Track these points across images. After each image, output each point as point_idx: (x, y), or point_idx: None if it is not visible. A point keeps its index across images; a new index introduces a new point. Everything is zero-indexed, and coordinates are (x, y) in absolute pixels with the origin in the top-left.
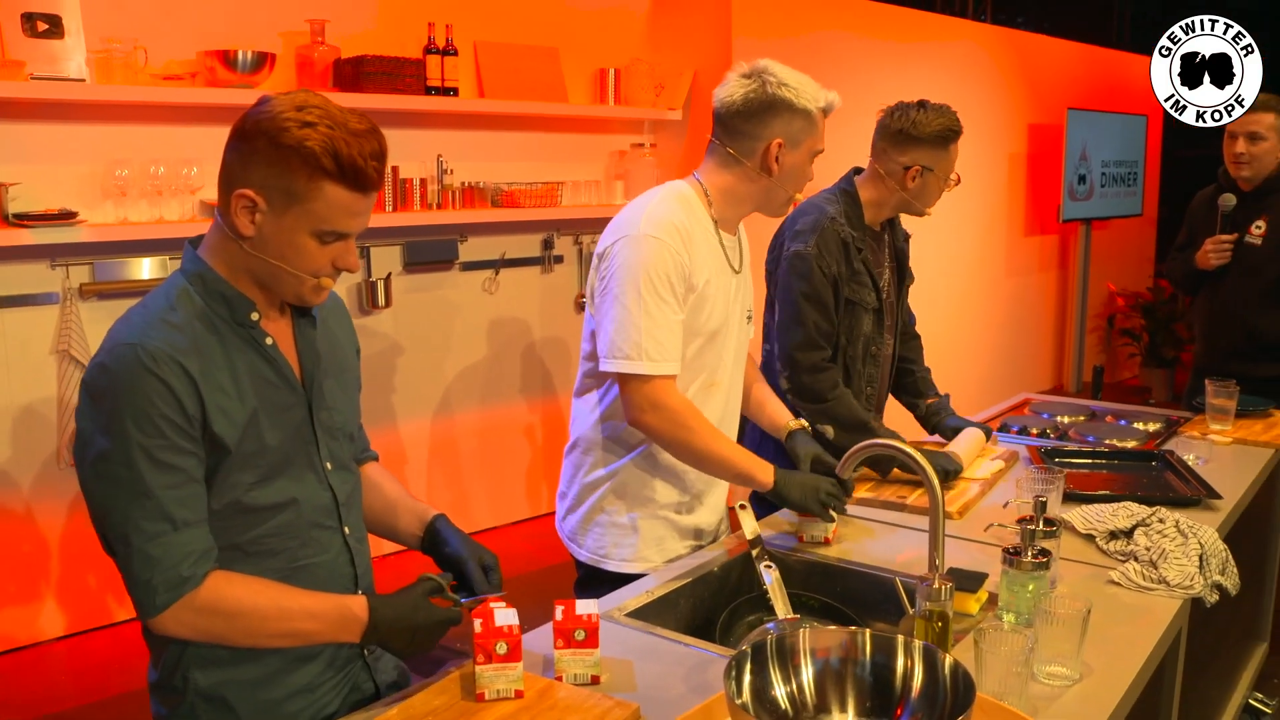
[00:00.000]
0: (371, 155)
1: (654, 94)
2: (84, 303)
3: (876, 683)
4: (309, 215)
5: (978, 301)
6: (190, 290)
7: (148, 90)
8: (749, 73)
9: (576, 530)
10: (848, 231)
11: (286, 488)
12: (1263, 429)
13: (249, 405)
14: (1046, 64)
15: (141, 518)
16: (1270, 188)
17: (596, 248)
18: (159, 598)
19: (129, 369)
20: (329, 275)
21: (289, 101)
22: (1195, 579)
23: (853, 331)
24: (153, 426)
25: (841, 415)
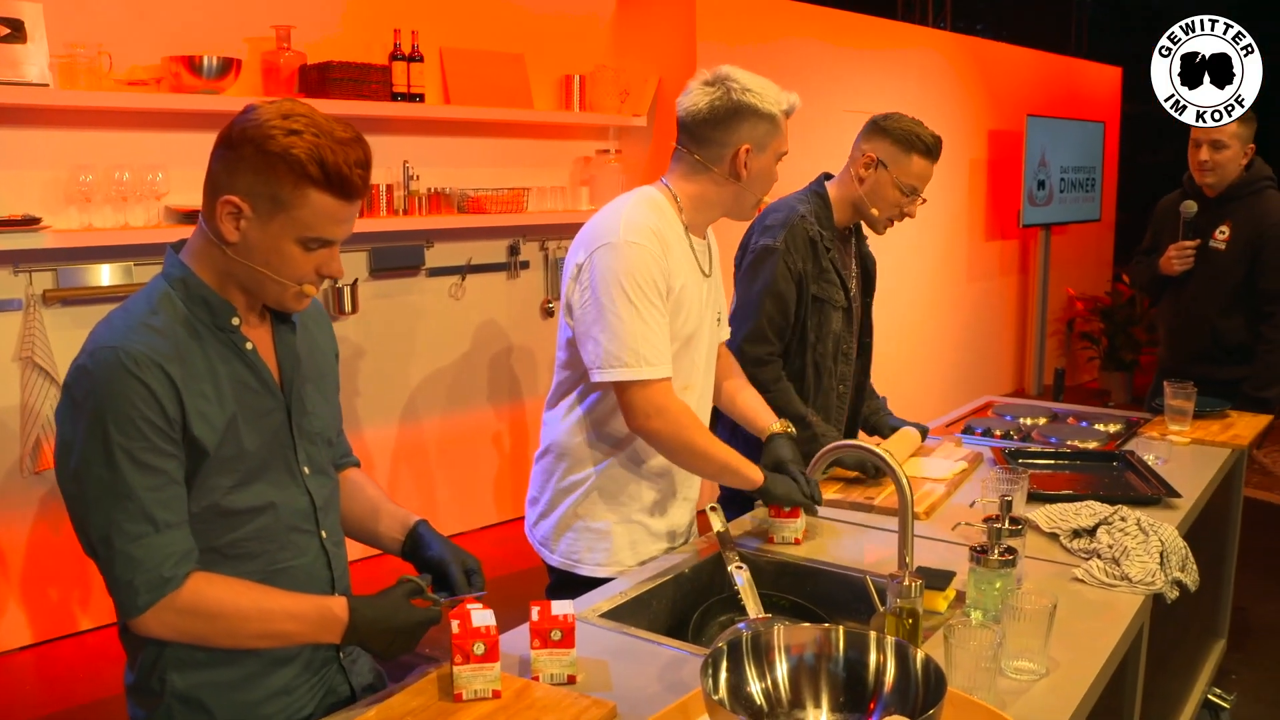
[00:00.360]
0: (357, 163)
1: (619, 100)
2: (47, 309)
3: (850, 678)
4: (294, 222)
5: (940, 306)
6: (172, 294)
7: (112, 96)
8: (712, 80)
9: (549, 536)
10: (816, 230)
11: (264, 492)
12: (1220, 429)
13: (228, 409)
14: (1006, 71)
15: (123, 519)
16: (1233, 194)
17: (571, 258)
18: (140, 598)
19: (110, 371)
20: (313, 282)
21: (275, 110)
22: (1156, 575)
23: (822, 329)
24: (134, 428)
25: (780, 407)
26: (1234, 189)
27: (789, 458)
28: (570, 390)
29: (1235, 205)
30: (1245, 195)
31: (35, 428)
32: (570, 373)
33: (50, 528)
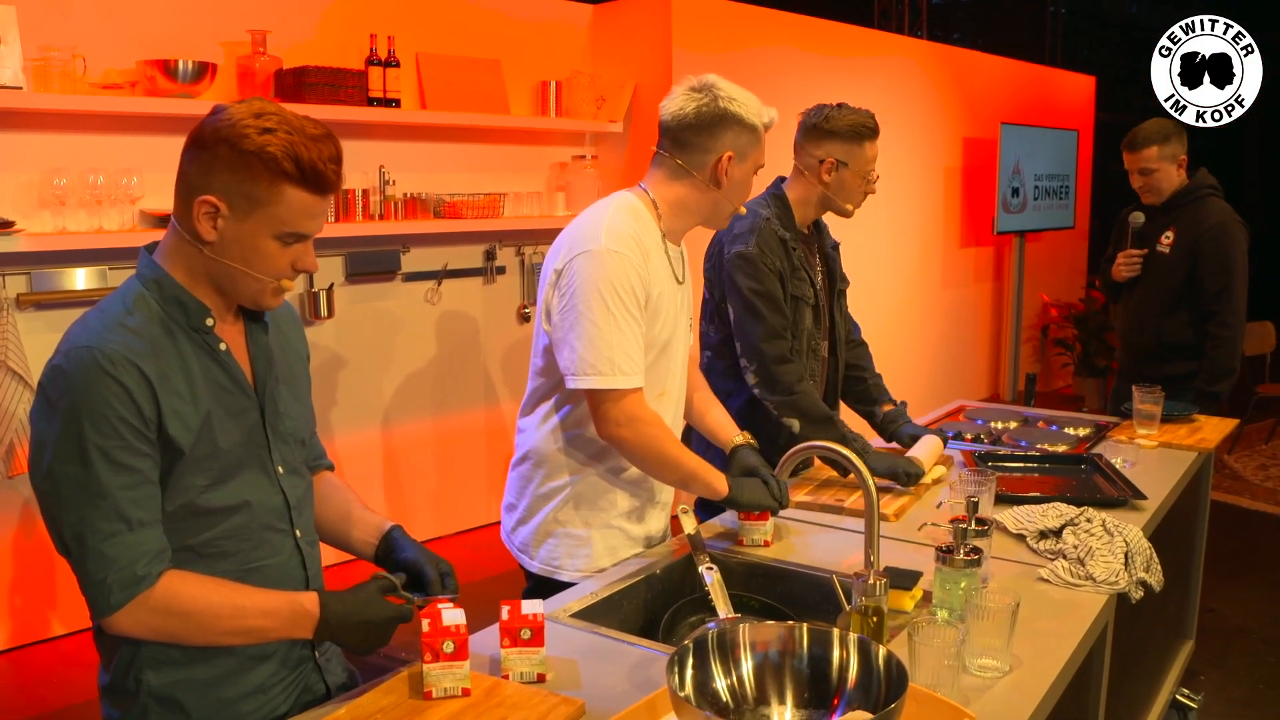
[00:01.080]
0: (330, 159)
1: (595, 106)
2: (21, 313)
3: (814, 674)
4: (271, 219)
5: (915, 312)
6: (146, 295)
7: (86, 99)
8: (698, 87)
9: (529, 542)
10: (782, 231)
11: (239, 490)
12: (1187, 433)
13: (203, 409)
14: (981, 79)
15: (97, 517)
16: (1177, 202)
17: (549, 262)
18: (114, 596)
19: (86, 371)
20: (289, 277)
21: (246, 109)
22: (1120, 575)
23: (797, 327)
24: (109, 427)
25: (807, 408)
26: (1177, 197)
27: (757, 463)
28: (547, 397)
29: (1179, 212)
30: (1188, 203)
31: (9, 432)
32: (546, 380)
33: (24, 532)
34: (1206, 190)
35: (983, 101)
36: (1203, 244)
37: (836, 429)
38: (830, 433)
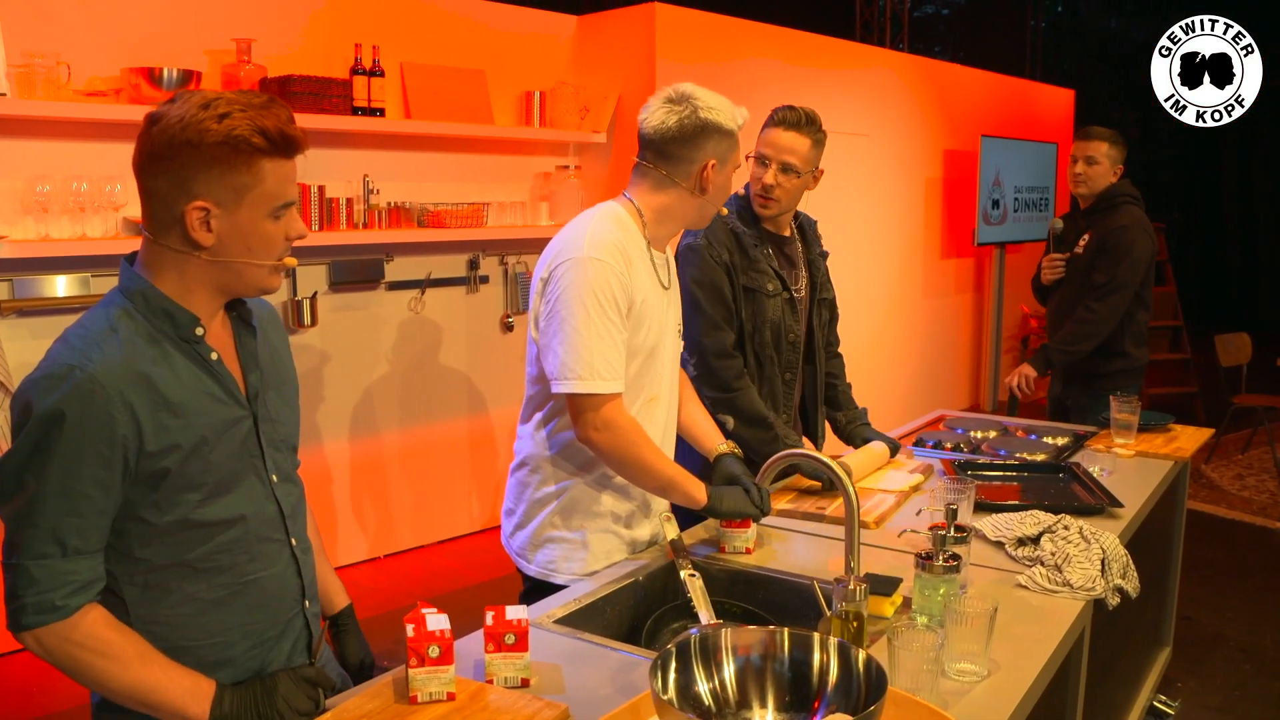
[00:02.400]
0: (288, 120)
1: (579, 117)
2: (3, 320)
3: (795, 678)
4: (262, 198)
5: (897, 322)
6: (131, 309)
7: (70, 106)
8: (676, 99)
9: (526, 546)
10: (739, 225)
11: (235, 503)
12: (1163, 442)
13: (195, 422)
14: (962, 92)
15: (34, 535)
16: (1097, 207)
17: (537, 271)
18: (26, 618)
19: (64, 391)
20: (287, 253)
21: (190, 105)
22: (1097, 582)
23: (758, 319)
24: (75, 452)
25: (743, 407)
26: (1098, 202)
27: (740, 471)
28: (541, 404)
29: (1097, 217)
30: (1106, 208)
31: None
32: (540, 387)
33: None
34: (1124, 198)
35: (963, 114)
36: (1106, 243)
37: (771, 430)
38: (764, 434)
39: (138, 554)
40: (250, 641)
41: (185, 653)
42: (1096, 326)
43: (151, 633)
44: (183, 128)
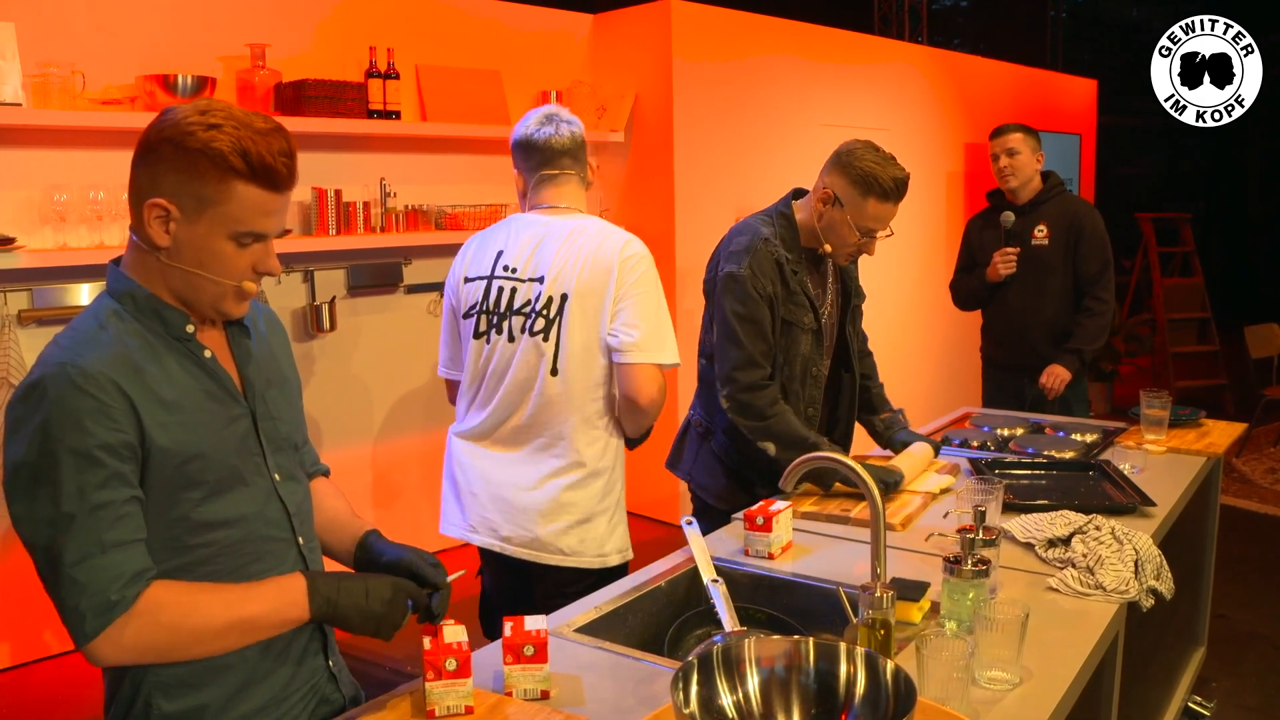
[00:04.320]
0: (280, 152)
1: (596, 116)
2: (23, 329)
3: (821, 689)
4: (224, 218)
5: (921, 318)
6: (119, 310)
7: (86, 115)
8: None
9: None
10: (781, 253)
11: (236, 502)
12: (1195, 438)
13: (191, 421)
14: (982, 84)
15: (68, 541)
16: (1040, 199)
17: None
18: (88, 624)
19: (59, 388)
20: (250, 279)
21: (192, 108)
22: (1131, 584)
23: (790, 352)
24: (82, 447)
25: (781, 432)
26: (1041, 195)
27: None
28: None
29: (1045, 207)
30: (1051, 198)
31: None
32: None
33: (22, 549)
34: (1060, 188)
35: (984, 106)
36: (1082, 227)
37: (815, 448)
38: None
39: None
40: (259, 646)
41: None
42: (1110, 312)
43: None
44: (173, 125)
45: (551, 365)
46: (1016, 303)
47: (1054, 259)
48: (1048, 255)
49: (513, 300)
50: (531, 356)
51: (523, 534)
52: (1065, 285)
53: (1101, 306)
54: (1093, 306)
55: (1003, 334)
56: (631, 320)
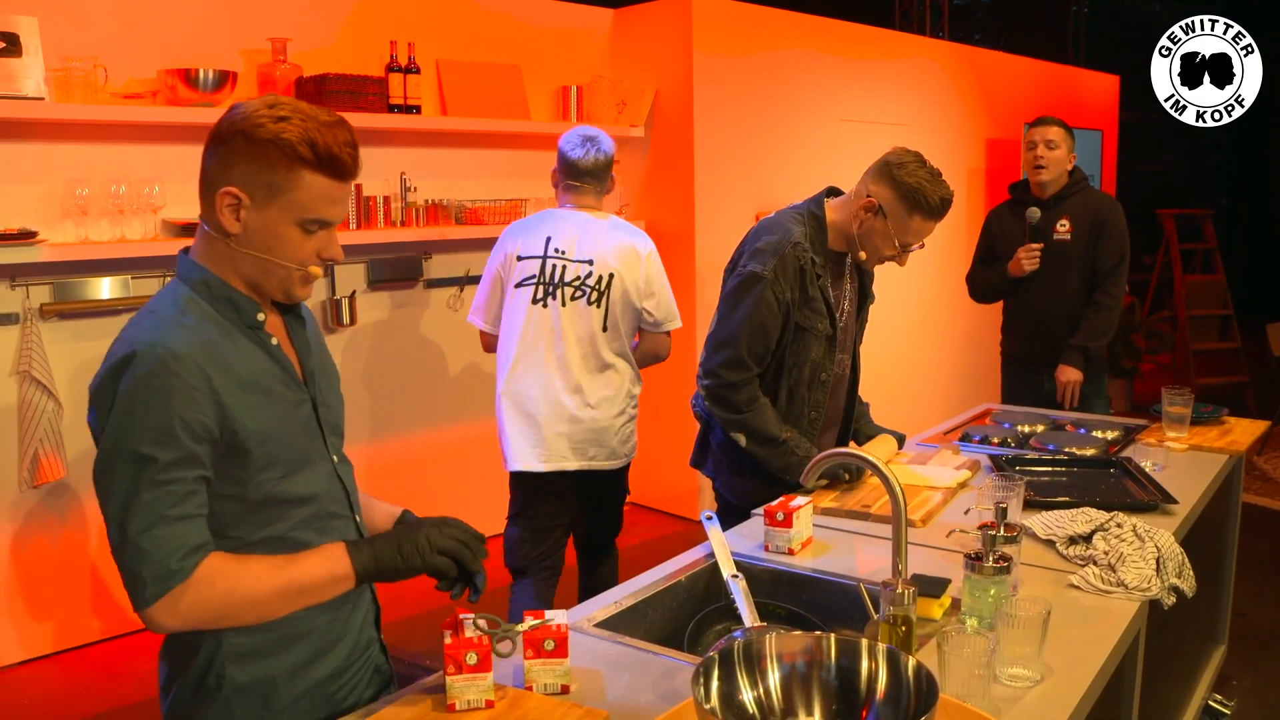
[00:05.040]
0: (345, 143)
1: (616, 111)
2: (45, 323)
3: (842, 686)
4: (292, 205)
5: (941, 314)
6: (195, 297)
7: (108, 109)
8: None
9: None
10: (808, 256)
11: (309, 481)
12: (1217, 435)
13: (267, 403)
14: (1003, 80)
15: (137, 509)
16: (1065, 193)
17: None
18: (148, 590)
19: (149, 366)
20: (316, 265)
21: (261, 102)
22: (1152, 581)
23: (800, 356)
24: (164, 424)
25: (755, 427)
26: (1065, 190)
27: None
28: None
29: (1068, 202)
30: (1074, 193)
31: (33, 441)
32: None
33: (48, 542)
34: (1083, 183)
35: (1005, 102)
36: (1105, 222)
37: (784, 446)
38: (776, 450)
39: (230, 533)
40: (329, 615)
41: (271, 628)
42: (1117, 309)
43: None
44: (244, 118)
45: (602, 324)
46: (1037, 297)
47: (1076, 254)
48: (1070, 250)
49: (564, 275)
50: (585, 317)
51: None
52: (1086, 280)
53: (1110, 301)
54: (1101, 301)
55: (1022, 328)
56: (656, 303)
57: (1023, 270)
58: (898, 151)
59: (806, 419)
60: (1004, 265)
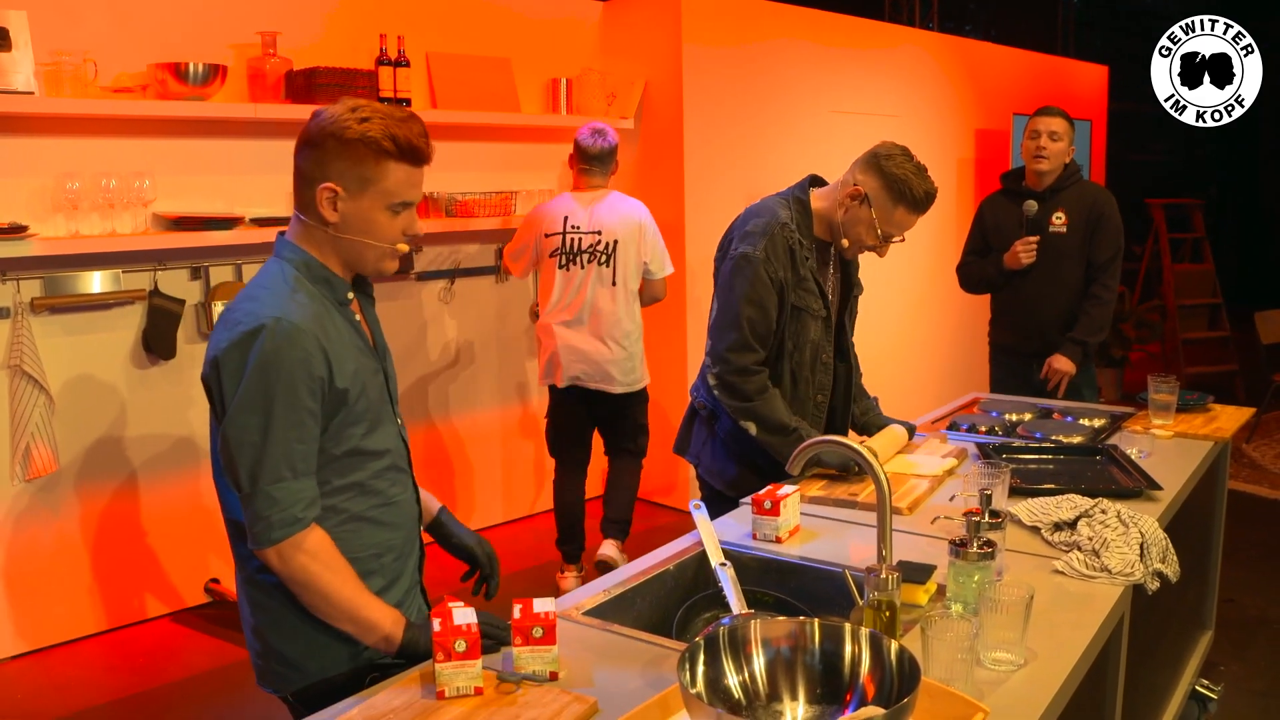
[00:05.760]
0: (420, 134)
1: (606, 103)
2: (35, 317)
3: (826, 670)
4: (382, 193)
5: (931, 304)
6: (300, 275)
7: (98, 103)
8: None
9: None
10: (796, 238)
11: (385, 437)
12: (1203, 423)
13: (357, 368)
14: (993, 70)
15: (269, 463)
16: (1059, 185)
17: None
18: (275, 533)
19: (277, 337)
20: (402, 242)
21: (343, 107)
22: (1136, 566)
23: (800, 338)
24: (291, 387)
25: (765, 415)
26: (1060, 181)
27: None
28: None
29: (1064, 194)
30: (1069, 185)
31: (24, 435)
32: None
33: (40, 536)
34: (1077, 175)
35: (995, 93)
36: (1101, 214)
37: (795, 434)
38: (787, 439)
39: (319, 478)
40: (393, 554)
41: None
42: (1114, 301)
43: None
44: (332, 122)
45: (611, 279)
46: (1031, 289)
47: (1071, 246)
48: (1064, 242)
49: (580, 244)
50: (598, 275)
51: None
52: (1080, 272)
53: (1108, 294)
54: (1099, 294)
55: (1015, 320)
56: (651, 256)
57: (1019, 263)
58: (886, 144)
59: (813, 401)
60: (998, 257)
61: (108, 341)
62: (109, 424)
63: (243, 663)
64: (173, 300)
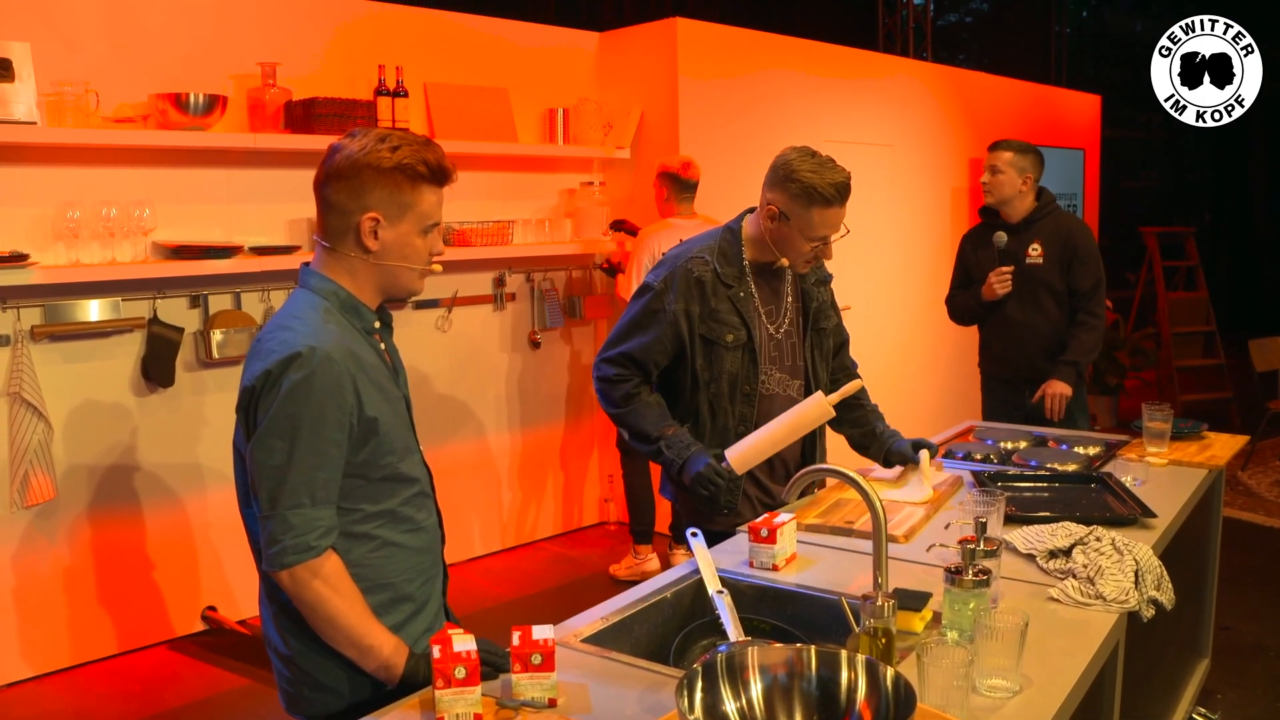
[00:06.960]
0: (443, 156)
1: (602, 133)
2: (35, 345)
3: (823, 696)
4: (418, 216)
5: (927, 331)
6: (329, 305)
7: (99, 133)
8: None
9: None
10: (710, 270)
11: (413, 464)
12: (1197, 450)
13: (385, 397)
14: (986, 100)
15: (289, 487)
16: (1034, 217)
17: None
18: (287, 557)
19: (311, 365)
20: (431, 263)
21: (368, 139)
22: (1131, 594)
23: (714, 369)
24: (319, 416)
25: (630, 424)
26: (1034, 214)
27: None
28: None
29: (1039, 225)
30: (1044, 216)
31: (23, 462)
32: None
33: (38, 563)
34: (1053, 206)
35: (989, 122)
36: (1076, 245)
37: (655, 446)
38: (651, 450)
39: (355, 505)
40: (423, 578)
41: (383, 589)
42: (1102, 327)
43: (357, 574)
44: (364, 154)
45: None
46: (1014, 317)
47: (1049, 276)
48: (1041, 273)
49: None
50: None
51: None
52: (1061, 301)
53: (1095, 320)
54: (1086, 321)
55: (1001, 349)
56: None
57: (995, 294)
58: (783, 153)
59: (734, 433)
60: (978, 289)
61: (107, 369)
62: (107, 451)
63: (239, 690)
64: (172, 328)
